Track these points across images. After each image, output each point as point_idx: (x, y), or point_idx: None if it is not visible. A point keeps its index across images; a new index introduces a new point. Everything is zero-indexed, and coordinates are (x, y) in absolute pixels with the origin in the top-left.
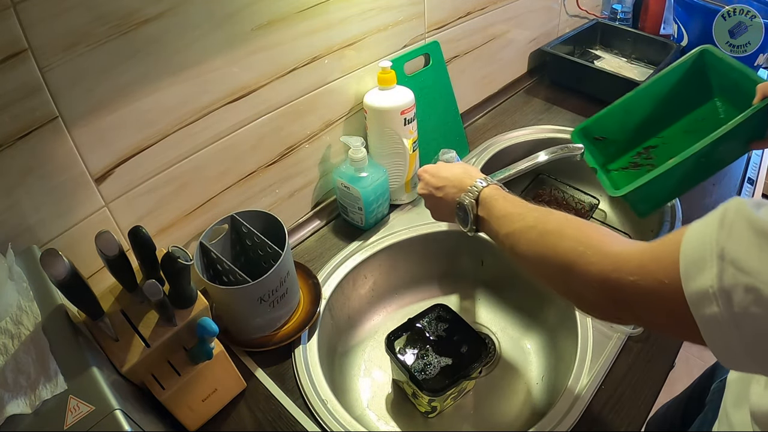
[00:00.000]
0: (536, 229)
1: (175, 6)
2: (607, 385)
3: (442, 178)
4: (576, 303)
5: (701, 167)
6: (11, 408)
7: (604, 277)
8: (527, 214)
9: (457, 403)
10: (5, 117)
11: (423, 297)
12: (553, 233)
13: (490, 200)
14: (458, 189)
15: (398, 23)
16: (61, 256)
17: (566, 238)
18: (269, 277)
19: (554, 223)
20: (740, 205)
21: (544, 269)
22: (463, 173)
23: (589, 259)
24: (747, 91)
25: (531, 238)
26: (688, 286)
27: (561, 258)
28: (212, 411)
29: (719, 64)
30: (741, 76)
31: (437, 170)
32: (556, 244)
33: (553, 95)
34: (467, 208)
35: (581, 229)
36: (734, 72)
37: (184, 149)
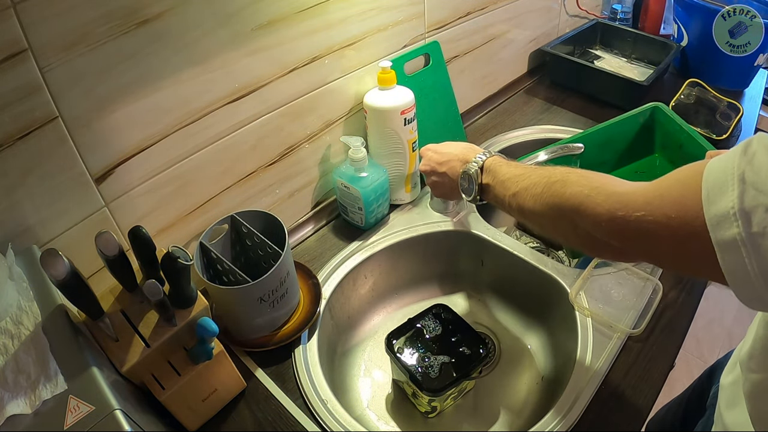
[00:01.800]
0: (541, 184)
1: (175, 6)
2: (607, 385)
3: (446, 153)
4: (585, 246)
5: None
6: (11, 408)
7: (611, 216)
8: (531, 173)
9: (457, 403)
10: (5, 117)
11: (423, 297)
12: (558, 182)
13: (495, 166)
14: (462, 162)
15: (398, 23)
16: (61, 256)
17: (571, 184)
18: (269, 277)
19: (558, 174)
20: (763, 137)
21: (552, 219)
22: (466, 148)
23: (594, 200)
24: (691, 154)
25: (537, 192)
26: (709, 211)
27: (568, 203)
28: (212, 411)
29: (668, 124)
30: (688, 140)
31: (440, 146)
32: (562, 191)
33: (553, 95)
34: (472, 177)
35: (585, 175)
36: (682, 134)
37: (184, 149)
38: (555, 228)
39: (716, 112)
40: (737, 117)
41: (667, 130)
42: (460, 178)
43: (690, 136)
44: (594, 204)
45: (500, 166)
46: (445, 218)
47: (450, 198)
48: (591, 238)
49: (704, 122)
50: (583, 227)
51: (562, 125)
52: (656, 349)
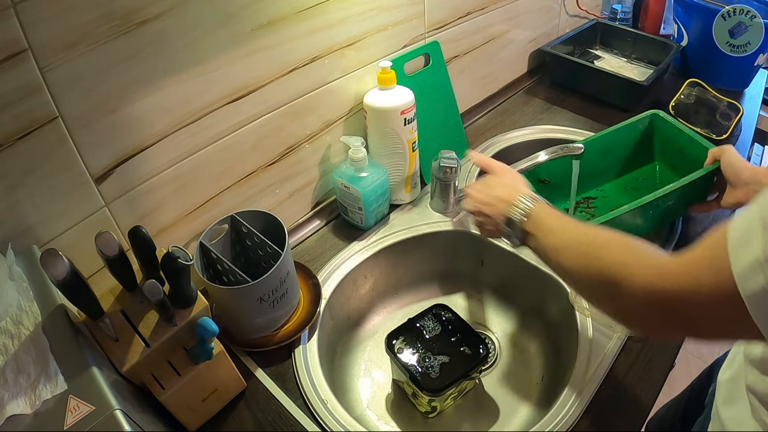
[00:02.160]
0: (583, 243)
1: (175, 6)
2: (607, 385)
3: (491, 195)
4: (622, 317)
5: (648, 219)
6: (11, 408)
7: (648, 287)
8: (575, 230)
9: (457, 403)
10: (5, 117)
11: (423, 297)
12: (599, 247)
13: (539, 214)
14: (506, 203)
15: (398, 23)
16: (61, 256)
17: (612, 251)
18: (269, 277)
19: (601, 238)
20: None
21: (589, 285)
22: (510, 187)
23: (633, 270)
24: (693, 156)
25: (578, 253)
26: (737, 266)
27: (607, 271)
28: (212, 411)
29: (667, 129)
30: (688, 142)
31: (485, 186)
32: (602, 257)
33: (553, 95)
34: (515, 223)
35: (627, 243)
36: (682, 137)
37: (184, 149)
38: (592, 293)
39: (716, 112)
40: (737, 117)
41: (666, 135)
42: (504, 222)
43: (690, 138)
44: (632, 275)
45: (545, 216)
46: (445, 218)
47: (497, 237)
48: (628, 309)
49: (704, 122)
50: (621, 297)
51: (562, 125)
52: (656, 349)
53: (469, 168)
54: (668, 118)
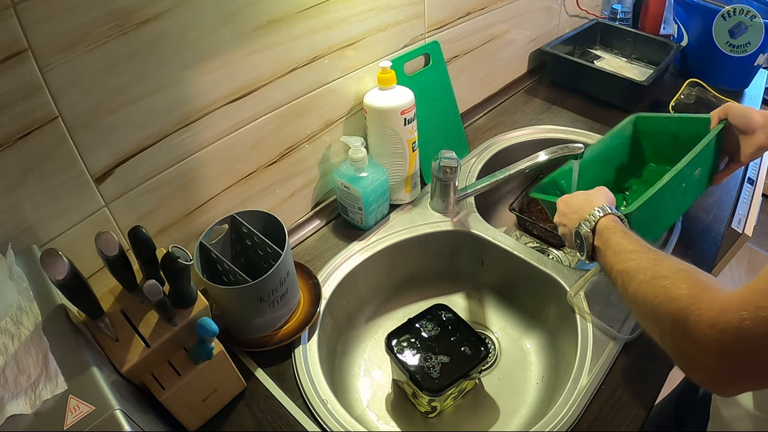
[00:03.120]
0: (650, 272)
1: (176, 6)
2: (607, 385)
3: (569, 205)
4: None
5: (682, 193)
6: (11, 408)
7: (713, 321)
8: (643, 255)
9: (457, 403)
10: (5, 117)
11: (423, 297)
12: (666, 277)
13: (607, 233)
14: (578, 216)
15: (398, 23)
16: (61, 256)
17: (679, 282)
18: (269, 277)
19: (668, 267)
20: None
21: (654, 315)
22: (585, 201)
23: (699, 305)
24: (691, 134)
25: (643, 279)
26: None
27: (672, 303)
28: (212, 411)
29: (652, 125)
30: (681, 124)
31: (570, 196)
32: (668, 288)
33: (553, 95)
34: (584, 238)
35: (694, 275)
36: (672, 124)
37: (184, 149)
38: (654, 324)
39: None
40: None
41: (653, 131)
42: (573, 235)
43: (682, 119)
44: (699, 309)
45: (614, 234)
46: (445, 218)
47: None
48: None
49: None
50: (688, 332)
51: (562, 125)
52: (656, 349)
53: (469, 168)
54: (650, 115)
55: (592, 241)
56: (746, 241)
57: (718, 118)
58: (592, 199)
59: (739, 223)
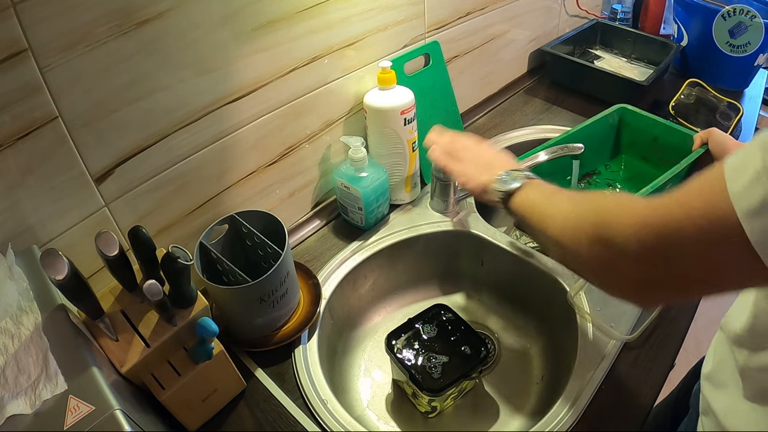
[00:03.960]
0: (576, 196)
1: (175, 6)
2: (607, 385)
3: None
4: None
5: None
6: (11, 408)
7: (639, 224)
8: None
9: (457, 403)
10: (5, 117)
11: (423, 297)
12: (588, 198)
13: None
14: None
15: (398, 23)
16: (61, 256)
17: (602, 197)
18: (269, 277)
19: (593, 194)
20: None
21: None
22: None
23: (623, 211)
24: (670, 143)
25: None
26: (733, 186)
27: (596, 212)
28: (212, 411)
29: (637, 121)
30: (664, 131)
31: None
32: (593, 207)
33: (553, 95)
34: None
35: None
36: (656, 127)
37: (184, 149)
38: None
39: (716, 112)
40: (737, 117)
41: (636, 127)
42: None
43: (667, 127)
44: (622, 216)
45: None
46: (445, 218)
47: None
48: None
49: (704, 122)
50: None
51: (562, 125)
52: (656, 349)
53: None
54: (638, 111)
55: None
56: None
57: (701, 142)
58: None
59: None
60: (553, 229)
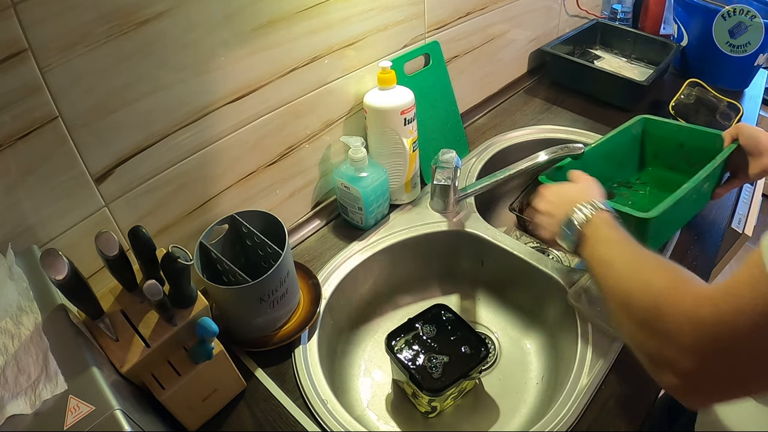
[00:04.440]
0: (631, 263)
1: (175, 6)
2: (607, 385)
3: (561, 196)
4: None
5: (692, 203)
6: (11, 408)
7: (690, 312)
8: (628, 248)
9: (457, 403)
10: (5, 117)
11: (423, 297)
12: (647, 270)
13: (600, 222)
14: (572, 205)
15: (398, 23)
16: (61, 256)
17: (659, 273)
18: (269, 277)
19: (651, 261)
20: None
21: (627, 305)
22: (583, 191)
23: (677, 295)
24: (698, 147)
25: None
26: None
27: (648, 294)
28: (212, 411)
29: (660, 130)
30: (690, 134)
31: (558, 187)
32: (647, 279)
33: (553, 95)
34: (574, 224)
35: (675, 269)
36: (681, 132)
37: (184, 149)
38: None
39: (716, 112)
40: (737, 117)
41: (659, 136)
42: (564, 223)
43: (691, 130)
44: (677, 302)
45: (606, 225)
46: (445, 218)
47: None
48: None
49: (704, 122)
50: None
51: (562, 125)
52: None
53: (469, 168)
54: (659, 119)
55: (583, 229)
56: (746, 241)
57: (731, 138)
58: (588, 191)
59: (739, 223)
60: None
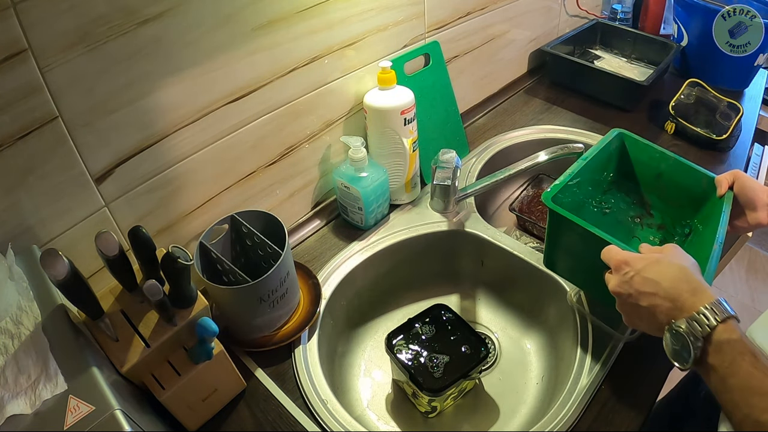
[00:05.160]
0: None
1: (175, 6)
2: (607, 385)
3: (652, 282)
4: None
5: None
6: (11, 408)
7: None
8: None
9: (457, 403)
10: (5, 117)
11: (423, 297)
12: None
13: (731, 351)
14: (673, 305)
15: (398, 23)
16: (61, 256)
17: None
18: (269, 277)
19: None
20: None
21: None
22: (682, 280)
23: None
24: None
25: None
26: None
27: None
28: (212, 411)
29: (640, 152)
30: (672, 166)
31: (646, 267)
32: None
33: (553, 95)
34: (689, 345)
35: None
36: (663, 161)
37: (184, 149)
38: None
39: (716, 112)
40: (737, 117)
41: (637, 159)
42: (670, 332)
43: (676, 162)
44: None
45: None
46: (445, 218)
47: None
48: None
49: (704, 122)
50: None
51: (562, 125)
52: (656, 349)
53: (469, 168)
54: (641, 139)
55: (702, 354)
56: (746, 241)
57: (727, 184)
58: (690, 283)
59: None
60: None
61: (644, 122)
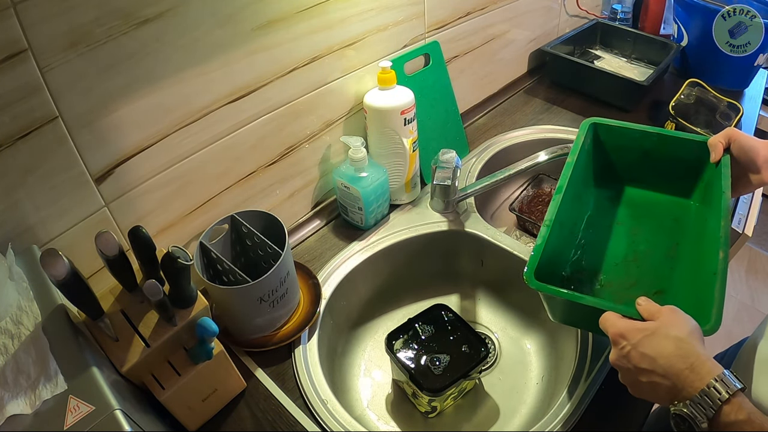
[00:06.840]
0: None
1: (175, 6)
2: (607, 385)
3: (649, 359)
4: None
5: None
6: (11, 408)
7: None
8: None
9: (457, 403)
10: (5, 117)
11: (423, 297)
12: None
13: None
14: (673, 385)
15: (398, 23)
16: (61, 256)
17: None
18: (269, 277)
19: None
20: None
21: None
22: (678, 357)
23: None
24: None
25: None
26: None
27: None
28: (212, 411)
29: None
30: (657, 141)
31: (641, 342)
32: None
33: (553, 95)
34: (693, 423)
35: None
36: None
37: (184, 149)
38: None
39: (716, 112)
40: (737, 117)
41: (617, 146)
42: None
43: (660, 136)
44: None
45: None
46: (445, 218)
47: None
48: None
49: (704, 122)
50: None
51: (562, 125)
52: None
53: (469, 168)
54: (611, 123)
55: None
56: (746, 241)
57: (722, 147)
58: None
59: (739, 223)
60: None
61: (644, 122)
